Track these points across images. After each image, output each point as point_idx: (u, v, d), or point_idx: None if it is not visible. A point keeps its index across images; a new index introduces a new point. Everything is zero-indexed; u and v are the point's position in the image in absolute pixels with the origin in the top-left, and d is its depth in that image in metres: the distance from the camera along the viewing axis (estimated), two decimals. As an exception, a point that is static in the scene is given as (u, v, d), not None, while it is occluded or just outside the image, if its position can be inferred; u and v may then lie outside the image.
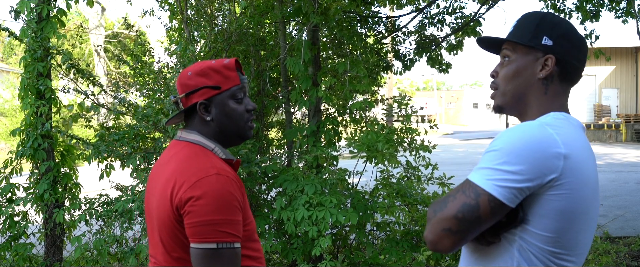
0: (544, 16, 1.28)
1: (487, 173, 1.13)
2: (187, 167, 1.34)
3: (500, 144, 1.14)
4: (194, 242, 1.29)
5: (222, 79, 1.45)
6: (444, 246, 1.15)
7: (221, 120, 1.45)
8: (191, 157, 1.38)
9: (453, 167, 11.79)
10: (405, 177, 4.20)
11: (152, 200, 1.43)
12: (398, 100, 4.39)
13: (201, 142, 1.43)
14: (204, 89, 1.43)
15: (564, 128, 1.18)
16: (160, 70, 4.42)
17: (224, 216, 1.29)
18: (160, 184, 1.38)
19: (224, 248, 1.28)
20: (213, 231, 1.27)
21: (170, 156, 1.44)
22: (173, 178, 1.34)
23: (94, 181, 4.14)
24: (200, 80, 1.43)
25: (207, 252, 1.27)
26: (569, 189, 1.12)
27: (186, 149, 1.42)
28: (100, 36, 22.46)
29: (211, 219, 1.27)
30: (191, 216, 1.28)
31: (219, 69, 1.45)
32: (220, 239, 1.27)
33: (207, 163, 1.35)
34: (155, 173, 1.47)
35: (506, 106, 1.31)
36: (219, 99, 1.44)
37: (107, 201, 3.83)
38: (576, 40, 1.25)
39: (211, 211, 1.27)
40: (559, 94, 1.26)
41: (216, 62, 1.46)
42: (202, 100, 1.43)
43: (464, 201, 1.13)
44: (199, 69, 1.45)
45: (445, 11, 6.37)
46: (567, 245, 1.15)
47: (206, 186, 1.29)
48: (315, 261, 3.61)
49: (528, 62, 1.26)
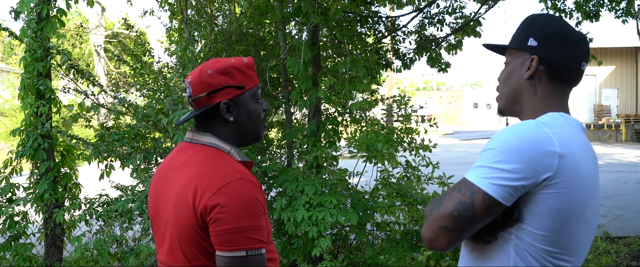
0: (534, 18, 1.30)
1: (482, 171, 1.14)
2: (208, 171, 1.30)
3: (496, 142, 1.15)
4: (222, 250, 1.25)
5: (245, 79, 1.40)
6: (440, 244, 1.16)
7: (243, 120, 1.41)
8: (210, 161, 1.33)
9: (453, 167, 11.78)
10: (405, 177, 4.21)
11: (167, 206, 1.36)
12: (398, 100, 4.39)
13: (217, 145, 1.38)
14: (228, 88, 1.37)
15: (561, 127, 1.18)
16: (160, 70, 4.42)
17: (251, 222, 1.26)
18: (177, 189, 1.33)
19: (253, 255, 1.25)
20: (242, 238, 1.24)
21: (184, 159, 1.37)
22: (194, 183, 1.29)
23: (94, 181, 4.14)
24: (224, 79, 1.37)
25: (236, 260, 1.24)
26: (564, 188, 1.12)
27: (203, 152, 1.36)
28: (100, 36, 22.46)
29: (239, 226, 1.24)
30: (218, 224, 1.24)
31: (242, 68, 1.40)
32: (249, 246, 1.25)
33: (229, 167, 1.31)
34: (167, 177, 1.40)
35: (504, 108, 1.35)
36: (242, 99, 1.40)
37: (107, 201, 3.83)
38: (566, 39, 1.25)
39: (239, 217, 1.24)
40: (551, 94, 1.26)
41: (236, 60, 1.41)
42: (226, 100, 1.37)
43: (460, 199, 1.15)
44: (221, 67, 1.38)
45: (445, 11, 6.37)
46: (563, 244, 1.15)
47: (231, 192, 1.25)
48: (316, 261, 3.61)
49: (518, 64, 1.30)
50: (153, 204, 1.43)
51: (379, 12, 5.90)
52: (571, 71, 1.26)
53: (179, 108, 3.67)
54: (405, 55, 6.23)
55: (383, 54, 5.93)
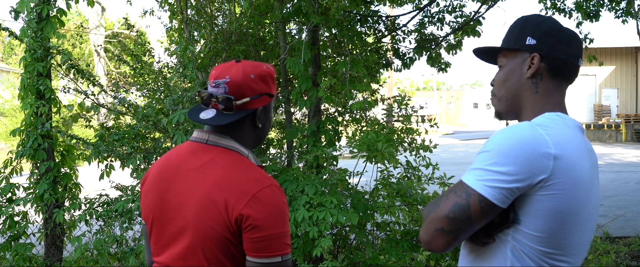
0: (527, 18, 1.31)
1: (478, 174, 1.15)
2: (236, 177, 1.30)
3: (491, 145, 1.16)
4: (258, 256, 1.27)
5: (274, 87, 1.44)
6: (437, 246, 1.17)
7: (266, 127, 1.46)
8: (236, 166, 1.33)
9: (453, 167, 11.79)
10: (405, 177, 4.20)
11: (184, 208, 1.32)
12: (398, 100, 4.39)
13: (238, 149, 1.38)
14: (264, 95, 1.40)
15: (557, 128, 1.18)
16: (160, 70, 4.42)
17: (284, 228, 1.29)
18: (202, 192, 1.30)
19: (286, 259, 1.29)
20: (278, 244, 1.27)
21: (205, 161, 1.34)
22: (224, 189, 1.28)
23: (94, 181, 4.14)
24: (264, 86, 1.39)
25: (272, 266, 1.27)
26: (560, 189, 1.12)
27: (226, 157, 1.35)
28: (100, 36, 22.46)
29: (275, 233, 1.27)
30: (255, 231, 1.25)
31: (274, 77, 1.44)
32: (284, 252, 1.28)
33: (257, 173, 1.33)
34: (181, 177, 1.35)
35: (503, 111, 1.35)
36: (269, 107, 1.45)
37: (107, 201, 3.83)
38: (562, 35, 1.27)
39: (275, 225, 1.27)
40: (552, 91, 1.27)
41: (267, 67, 1.43)
42: (262, 107, 1.40)
43: (456, 201, 1.15)
44: (261, 74, 1.39)
45: (445, 10, 6.37)
46: (560, 245, 1.16)
47: (266, 199, 1.27)
48: (316, 261, 3.61)
49: (516, 64, 1.30)
50: (155, 204, 1.38)
51: (379, 11, 5.90)
52: (570, 67, 1.27)
53: (179, 108, 3.67)
54: (405, 55, 6.23)
55: (383, 53, 5.93)
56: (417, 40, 6.25)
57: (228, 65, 1.39)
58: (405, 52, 6.25)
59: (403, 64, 6.26)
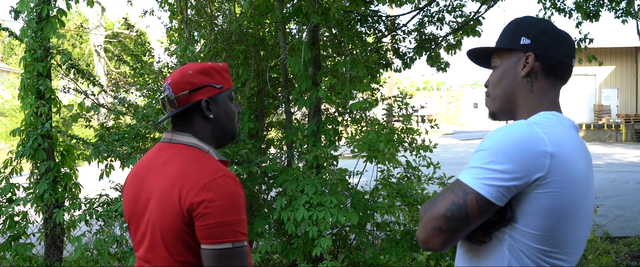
0: (522, 19, 1.33)
1: (475, 172, 1.15)
2: (192, 170, 1.36)
3: (488, 143, 1.16)
4: (208, 243, 1.30)
5: (222, 80, 1.50)
6: (434, 245, 1.17)
7: (222, 118, 1.49)
8: (193, 160, 1.39)
9: (453, 167, 11.78)
10: (405, 177, 4.20)
11: (148, 205, 1.41)
12: (398, 100, 4.39)
13: (197, 145, 1.45)
14: (208, 87, 1.46)
15: (553, 127, 1.19)
16: (160, 70, 4.41)
17: (237, 216, 1.32)
18: (161, 188, 1.37)
19: (238, 247, 1.31)
20: (228, 231, 1.30)
21: (165, 158, 1.43)
22: (179, 182, 1.34)
23: (94, 181, 4.14)
24: (204, 78, 1.46)
25: (223, 252, 1.29)
26: (557, 187, 1.13)
27: (185, 151, 1.43)
28: (100, 36, 22.46)
29: (226, 220, 1.30)
30: (206, 218, 1.29)
31: (219, 70, 1.50)
32: (235, 239, 1.31)
33: (212, 166, 1.38)
34: (147, 176, 1.44)
35: (498, 111, 1.35)
36: (221, 98, 1.49)
37: (107, 201, 3.83)
38: (555, 35, 1.29)
39: (225, 212, 1.30)
40: (546, 90, 1.29)
41: (213, 64, 1.51)
42: (207, 98, 1.46)
43: (453, 200, 1.15)
44: (200, 68, 1.48)
45: (445, 9, 6.38)
46: (557, 243, 1.16)
47: (217, 188, 1.31)
48: (316, 261, 3.61)
49: (511, 64, 1.31)
50: (131, 203, 1.47)
51: (379, 11, 5.90)
52: (564, 66, 1.29)
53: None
54: (405, 55, 6.24)
55: (383, 53, 5.93)
56: (417, 40, 6.25)
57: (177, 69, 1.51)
58: (405, 52, 6.25)
59: (403, 64, 6.26)
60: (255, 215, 3.76)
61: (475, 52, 1.40)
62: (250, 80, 4.50)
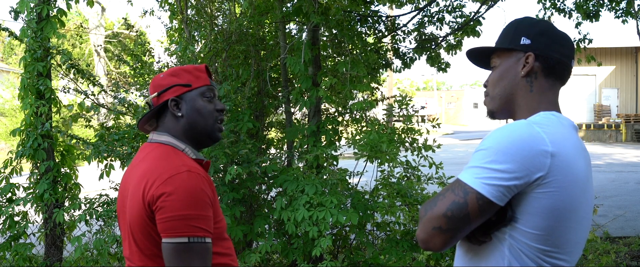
0: (522, 20, 1.34)
1: (475, 172, 1.15)
2: (158, 165, 1.37)
3: (488, 143, 1.16)
4: (165, 237, 1.30)
5: (192, 78, 1.52)
6: (434, 245, 1.17)
7: (191, 116, 1.49)
8: (162, 157, 1.41)
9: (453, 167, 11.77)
10: (405, 177, 4.20)
11: (125, 202, 1.44)
12: (399, 101, 4.39)
13: (172, 143, 1.47)
14: (175, 86, 1.49)
15: (553, 127, 1.19)
16: (160, 70, 4.41)
17: (195, 211, 1.31)
18: (133, 184, 1.40)
19: (196, 242, 1.29)
20: (185, 225, 1.29)
21: (141, 157, 1.47)
22: (145, 177, 1.36)
23: (94, 181, 4.14)
24: (172, 79, 1.51)
25: (178, 247, 1.28)
26: (557, 187, 1.13)
27: (158, 149, 1.45)
28: (100, 36, 22.46)
29: (183, 214, 1.29)
30: (163, 211, 1.29)
31: (190, 70, 1.53)
32: (192, 234, 1.29)
33: (178, 161, 1.39)
34: (128, 175, 1.48)
35: (496, 110, 1.35)
36: (190, 96, 1.50)
37: (107, 200, 3.83)
38: (555, 36, 1.29)
39: (183, 206, 1.29)
40: (546, 90, 1.29)
41: (186, 66, 1.55)
42: (173, 97, 1.49)
43: (453, 199, 1.15)
44: (171, 71, 1.53)
45: (445, 10, 6.38)
46: (557, 243, 1.16)
47: (177, 182, 1.32)
48: (316, 261, 3.61)
49: (511, 64, 1.31)
50: (118, 203, 1.53)
51: (379, 11, 5.90)
52: (563, 66, 1.29)
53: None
54: (405, 55, 6.24)
55: (383, 53, 5.93)
56: (417, 40, 6.25)
57: None
58: (405, 52, 6.25)
59: (403, 64, 6.26)
60: (255, 215, 3.77)
61: (474, 52, 1.41)
62: (250, 80, 4.50)
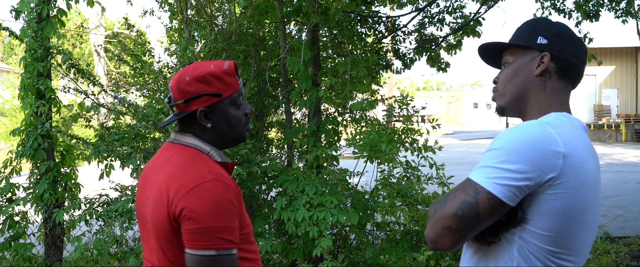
0: (539, 19, 1.33)
1: (487, 171, 1.14)
2: (182, 172, 1.31)
3: (500, 143, 1.15)
4: (191, 248, 1.26)
5: (222, 86, 1.40)
6: (444, 244, 1.16)
7: (221, 127, 1.42)
8: (187, 162, 1.34)
9: (453, 167, 11.78)
10: (405, 177, 4.20)
11: (147, 204, 1.39)
12: (399, 101, 4.39)
13: (197, 146, 1.40)
14: (205, 96, 1.38)
15: (565, 128, 1.18)
16: (160, 70, 4.41)
17: (222, 223, 1.27)
18: (155, 188, 1.35)
19: (223, 255, 1.26)
20: (212, 237, 1.25)
21: (164, 159, 1.40)
22: (168, 183, 1.31)
23: (94, 181, 4.14)
24: (201, 87, 1.38)
25: (205, 259, 1.25)
26: (568, 188, 1.12)
27: (181, 152, 1.38)
28: (100, 36, 22.46)
29: (210, 226, 1.25)
30: (190, 223, 1.25)
31: (220, 75, 1.40)
32: (219, 246, 1.26)
33: (204, 168, 1.32)
34: (149, 176, 1.42)
35: (507, 106, 1.34)
36: (220, 106, 1.40)
37: (107, 201, 3.83)
38: (571, 38, 1.29)
39: (210, 218, 1.25)
40: (559, 91, 1.28)
41: (215, 66, 1.40)
42: (203, 108, 1.38)
43: (464, 199, 1.14)
44: (198, 75, 1.38)
45: (445, 10, 6.38)
46: (567, 244, 1.15)
47: (204, 192, 1.27)
48: (316, 261, 3.61)
49: (525, 61, 1.30)
50: (138, 204, 1.46)
51: (379, 12, 5.90)
52: (577, 69, 1.29)
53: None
54: (405, 55, 6.24)
55: (383, 54, 5.93)
56: (417, 41, 6.25)
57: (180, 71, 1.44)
58: (405, 53, 6.25)
59: (403, 64, 6.27)
60: (255, 215, 3.76)
61: (485, 48, 1.39)
62: (250, 80, 4.50)
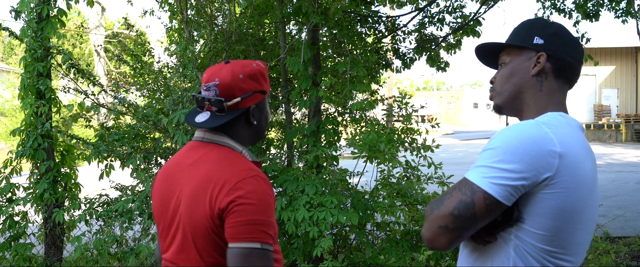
0: (536, 20, 1.34)
1: (483, 171, 1.15)
2: (223, 169, 1.33)
3: (496, 142, 1.16)
4: (236, 241, 1.26)
5: (266, 84, 1.48)
6: (440, 244, 1.16)
7: (262, 123, 1.49)
8: (225, 160, 1.36)
9: (453, 167, 11.78)
10: (405, 177, 4.20)
11: (179, 204, 1.37)
12: (398, 100, 4.39)
13: (230, 145, 1.42)
14: (256, 93, 1.44)
15: (561, 127, 1.19)
16: (160, 70, 4.42)
17: (267, 218, 1.29)
18: (191, 187, 1.35)
19: (266, 249, 1.27)
20: (258, 230, 1.26)
21: (196, 157, 1.40)
22: (210, 182, 1.31)
23: (94, 181, 4.14)
24: (254, 84, 1.43)
25: (251, 252, 1.25)
26: (564, 187, 1.13)
27: (216, 151, 1.39)
28: (100, 36, 22.46)
29: (256, 219, 1.26)
30: (236, 216, 1.26)
31: (264, 74, 1.47)
32: (264, 240, 1.27)
33: (244, 165, 1.35)
34: (178, 175, 1.41)
35: (504, 105, 1.35)
36: (263, 103, 1.48)
37: (107, 201, 3.83)
38: (568, 38, 1.30)
39: (256, 211, 1.27)
40: (555, 91, 1.29)
41: (257, 65, 1.46)
42: (255, 105, 1.44)
43: (460, 198, 1.15)
44: (250, 72, 1.43)
45: (445, 10, 6.38)
46: (563, 244, 1.16)
47: (249, 186, 1.29)
48: (316, 261, 3.61)
49: (522, 61, 1.31)
50: (160, 203, 1.44)
51: (379, 11, 5.90)
52: (573, 70, 1.30)
53: (179, 108, 3.67)
54: (405, 55, 6.24)
55: (383, 54, 5.93)
56: (417, 41, 6.25)
57: (218, 68, 1.44)
58: (405, 53, 6.25)
59: (403, 64, 6.27)
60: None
61: (482, 48, 1.40)
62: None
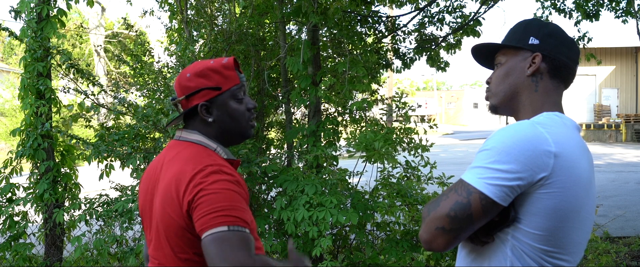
0: (531, 20, 1.34)
1: (478, 172, 1.15)
2: (190, 166, 1.33)
3: (492, 143, 1.16)
4: (205, 231, 1.25)
5: (222, 80, 1.43)
6: (438, 245, 1.17)
7: (223, 120, 1.45)
8: (195, 157, 1.37)
9: (453, 167, 11.78)
10: (405, 177, 4.20)
11: (154, 201, 1.40)
12: (396, 100, 4.39)
13: (203, 142, 1.43)
14: (204, 90, 1.42)
15: (556, 127, 1.19)
16: (160, 70, 4.42)
17: (231, 203, 1.28)
18: (163, 185, 1.37)
19: (236, 230, 1.24)
20: (222, 215, 1.25)
21: (171, 156, 1.42)
22: (178, 179, 1.33)
23: (94, 181, 4.14)
24: (200, 81, 1.42)
25: (219, 236, 1.23)
26: (560, 187, 1.13)
27: (188, 149, 1.41)
28: (100, 36, 22.46)
29: (219, 206, 1.26)
30: (199, 208, 1.27)
31: (219, 69, 1.44)
32: (231, 223, 1.25)
33: (210, 161, 1.35)
34: (154, 173, 1.44)
35: (500, 105, 1.35)
36: (220, 99, 1.44)
37: (107, 201, 3.83)
38: (564, 38, 1.30)
39: (218, 199, 1.27)
40: (551, 91, 1.29)
41: (215, 62, 1.45)
42: (203, 102, 1.42)
43: (456, 200, 1.15)
44: (198, 70, 1.43)
45: (445, 10, 6.38)
46: (560, 243, 1.16)
47: (210, 179, 1.29)
48: (316, 261, 3.61)
49: (517, 62, 1.31)
50: (143, 201, 1.47)
51: (379, 11, 5.90)
52: (569, 70, 1.30)
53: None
54: (405, 55, 6.24)
55: (383, 54, 5.93)
56: (417, 41, 6.25)
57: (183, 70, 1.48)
58: (405, 53, 6.25)
59: (403, 64, 6.27)
60: (255, 215, 3.77)
61: (478, 49, 1.40)
62: (250, 80, 4.50)
